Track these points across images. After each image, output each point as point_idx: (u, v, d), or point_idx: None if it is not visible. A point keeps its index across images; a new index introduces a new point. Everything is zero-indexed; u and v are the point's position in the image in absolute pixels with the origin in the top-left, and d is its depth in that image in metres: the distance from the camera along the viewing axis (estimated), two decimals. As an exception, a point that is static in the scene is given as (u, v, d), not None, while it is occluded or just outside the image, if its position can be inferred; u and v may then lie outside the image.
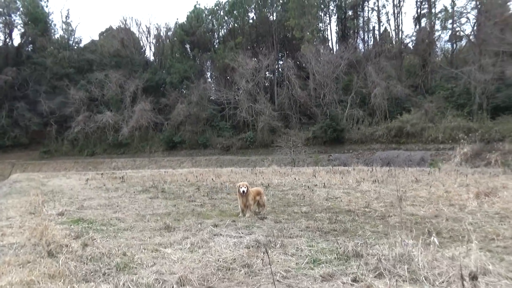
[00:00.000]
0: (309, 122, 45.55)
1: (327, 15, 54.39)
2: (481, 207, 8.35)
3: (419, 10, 48.75)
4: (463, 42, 45.61)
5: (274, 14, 53.41)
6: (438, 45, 48.24)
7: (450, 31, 48.49)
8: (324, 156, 39.06)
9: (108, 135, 49.12)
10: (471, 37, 42.41)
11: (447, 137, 35.74)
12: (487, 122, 35.22)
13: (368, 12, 52.83)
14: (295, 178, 17.57)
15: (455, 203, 8.93)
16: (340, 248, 4.75)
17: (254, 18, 55.09)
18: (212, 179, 17.73)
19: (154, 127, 49.54)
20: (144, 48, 60.36)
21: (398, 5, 48.74)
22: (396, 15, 49.41)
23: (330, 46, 53.68)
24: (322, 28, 53.86)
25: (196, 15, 54.32)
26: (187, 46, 54.60)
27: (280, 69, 51.10)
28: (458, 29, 46.50)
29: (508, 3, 40.82)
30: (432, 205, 8.74)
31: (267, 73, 49.42)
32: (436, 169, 27.49)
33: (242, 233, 5.95)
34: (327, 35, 54.37)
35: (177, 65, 50.66)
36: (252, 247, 5.00)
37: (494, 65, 38.07)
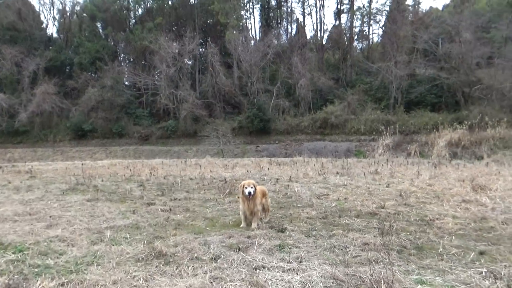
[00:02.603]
0: (233, 112, 44.01)
1: (251, 3, 53.11)
2: None
3: (339, 6, 49.98)
4: (380, 39, 47.91)
5: (196, -4, 50.38)
6: (357, 40, 50.11)
7: (368, 27, 50.92)
8: (252, 147, 37.88)
9: (1, 121, 41.56)
10: (387, 34, 44.51)
11: (368, 129, 37.12)
12: (404, 115, 37.26)
13: (291, 3, 52.80)
14: (247, 171, 15.80)
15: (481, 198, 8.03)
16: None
17: (175, -1, 51.37)
18: (151, 173, 15.06)
19: (60, 113, 43.26)
20: (46, 23, 52.62)
21: (321, -2, 49.36)
22: (318, 8, 50.12)
23: (254, 35, 52.59)
24: (246, 16, 52.45)
25: (110, -11, 48.67)
26: (99, 23, 48.73)
27: (202, 56, 48.39)
28: (375, 25, 48.93)
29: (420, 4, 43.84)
30: (446, 202, 7.71)
31: (187, 59, 46.33)
32: (367, 158, 28.26)
33: (291, 260, 4.04)
34: (251, 24, 53.17)
35: (87, 44, 44.75)
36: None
37: (409, 62, 40.58)
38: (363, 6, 51.20)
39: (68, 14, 50.47)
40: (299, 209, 7.37)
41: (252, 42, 49.82)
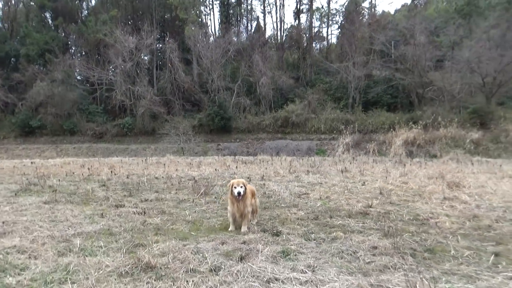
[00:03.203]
0: (193, 109, 42.99)
1: (211, -1, 52.18)
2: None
3: (299, 5, 50.33)
4: (338, 39, 48.75)
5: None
6: (316, 41, 50.70)
7: (326, 28, 51.72)
8: (213, 145, 37.14)
9: None
10: (345, 35, 45.36)
11: (328, 128, 37.66)
12: (362, 115, 38.10)
13: (251, 1, 52.50)
14: (215, 169, 15.18)
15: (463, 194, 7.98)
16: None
17: (130, -10, 49.19)
18: (112, 172, 14.03)
19: (4, 108, 40.00)
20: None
21: (281, -3, 49.45)
22: (278, 7, 50.24)
23: (214, 32, 51.78)
24: (205, 13, 51.47)
25: (59, -22, 45.64)
26: (48, 13, 45.62)
27: (161, 51, 46.81)
28: (333, 26, 49.79)
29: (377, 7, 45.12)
30: (427, 200, 7.60)
31: (145, 54, 44.59)
32: (328, 157, 28.54)
33: (304, 270, 3.57)
34: (211, 20, 52.26)
35: (34, 35, 41.62)
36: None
37: (366, 63, 41.62)
38: (322, 7, 52.02)
39: (13, 2, 46.81)
40: (285, 209, 6.95)
41: (212, 38, 49.03)
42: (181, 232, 5.28)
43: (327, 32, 51.97)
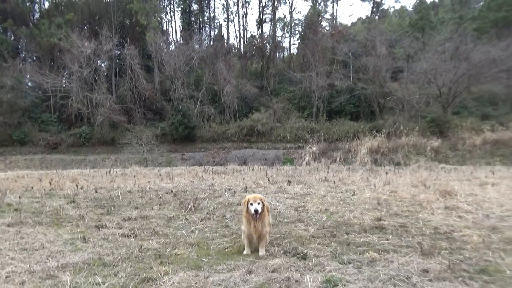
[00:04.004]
0: (155, 118, 41.52)
1: (172, 5, 51.15)
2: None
3: (261, 15, 50.46)
4: (300, 49, 49.19)
5: (112, -6, 46.80)
6: (279, 50, 50.96)
7: (289, 37, 52.21)
8: (177, 155, 35.90)
9: None
10: (308, 45, 45.92)
11: (294, 137, 37.63)
12: (327, 124, 38.46)
13: (214, 9, 51.98)
14: (191, 181, 14.29)
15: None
16: None
17: (87, -7, 47.01)
18: (77, 185, 12.76)
19: None
20: None
21: (244, 6, 49.39)
22: (241, 16, 50.13)
23: (175, 39, 50.67)
24: (167, 19, 50.32)
25: (8, -22, 42.70)
26: (-4, 15, 42.44)
27: (120, 57, 44.93)
28: (296, 36, 50.32)
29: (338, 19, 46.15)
30: (429, 210, 7.30)
31: (103, 60, 42.58)
32: (295, 165, 28.31)
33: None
34: (172, 27, 51.11)
35: (-20, 37, 38.60)
36: None
37: (329, 72, 42.25)
38: (284, 17, 52.52)
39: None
40: (291, 225, 6.35)
41: (172, 45, 47.94)
42: (189, 259, 4.53)
43: (290, 42, 52.50)
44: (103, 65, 44.05)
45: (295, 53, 52.84)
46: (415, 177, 15.46)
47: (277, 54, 49.73)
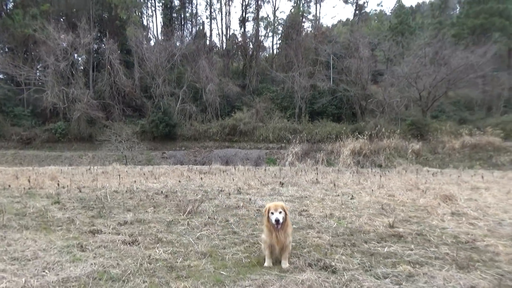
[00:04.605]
0: (134, 115, 40.43)
1: (153, 0, 50.01)
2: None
3: (244, 14, 50.06)
4: (283, 49, 49.05)
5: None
6: (262, 49, 50.66)
7: (272, 37, 51.97)
8: (157, 153, 35.01)
9: None
10: (291, 45, 45.84)
11: (276, 137, 37.38)
12: (309, 124, 38.42)
13: (196, 6, 51.14)
14: (179, 181, 13.74)
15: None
16: None
17: (64, -15, 45.23)
18: (58, 184, 12.00)
19: None
20: None
21: (227, 3, 48.81)
22: (224, 14, 49.52)
23: (156, 34, 49.57)
24: (148, 14, 49.15)
25: (-21, -36, 40.64)
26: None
27: (98, 52, 43.54)
28: (278, 36, 50.14)
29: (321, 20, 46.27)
30: (436, 216, 7.11)
31: (81, 53, 41.10)
32: (278, 166, 28.08)
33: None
34: (153, 22, 49.96)
35: None
36: None
37: (312, 73, 42.28)
38: (268, 16, 52.27)
39: None
40: (301, 231, 6.00)
41: (153, 41, 46.90)
42: (205, 272, 4.10)
43: (272, 41, 52.27)
44: (79, 59, 42.59)
45: (277, 53, 52.65)
46: (404, 180, 15.47)
47: (260, 53, 49.37)
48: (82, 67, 41.17)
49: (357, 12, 55.26)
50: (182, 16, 50.61)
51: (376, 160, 31.55)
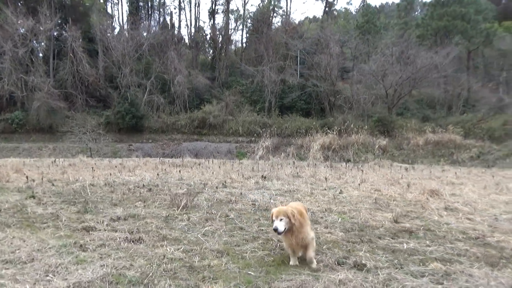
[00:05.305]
0: (98, 106, 38.72)
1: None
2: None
3: (214, 6, 49.20)
4: (253, 43, 48.71)
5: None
6: (231, 42, 50.11)
7: (242, 30, 51.47)
8: (123, 145, 33.74)
9: None
10: (262, 39, 45.62)
11: (246, 131, 37.12)
12: (279, 119, 38.48)
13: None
14: (158, 174, 13.18)
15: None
16: None
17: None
18: (28, 177, 11.13)
19: None
20: None
21: (196, -6, 47.74)
22: (194, 5, 48.44)
23: (122, 23, 47.69)
24: (112, 2, 47.15)
25: None
26: None
27: (60, 39, 41.21)
28: (248, 29, 49.74)
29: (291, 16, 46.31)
30: (431, 210, 7.19)
31: (41, 40, 38.73)
32: (243, 160, 27.89)
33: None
34: (118, 11, 48.06)
35: None
36: None
37: (282, 68, 42.33)
38: (237, 9, 51.69)
39: None
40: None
41: (117, 29, 45.14)
42: (229, 272, 3.81)
43: (242, 34, 51.78)
44: (39, 45, 40.14)
45: (246, 47, 52.22)
46: (381, 175, 15.75)
47: (230, 46, 48.78)
48: (42, 55, 38.82)
49: (326, 9, 55.85)
50: (150, 5, 48.98)
51: (345, 155, 32.06)
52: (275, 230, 3.98)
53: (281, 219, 4.03)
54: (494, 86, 42.96)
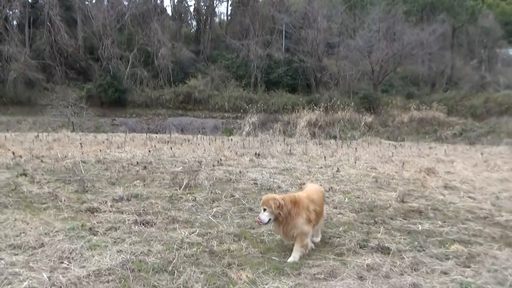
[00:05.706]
0: (79, 78, 37.38)
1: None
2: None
3: (197, -25, 47.36)
4: (238, 15, 47.52)
5: None
6: (216, 15, 48.80)
7: (226, 2, 50.07)
8: (106, 120, 32.91)
9: None
10: (247, 12, 44.46)
11: (232, 106, 36.67)
12: (265, 95, 38.09)
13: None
14: (149, 151, 12.88)
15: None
16: None
17: None
18: (14, 153, 10.67)
19: None
20: None
21: (180, -38, 45.80)
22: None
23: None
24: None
25: None
26: None
27: (35, 6, 39.17)
28: (235, 1, 48.37)
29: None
30: (432, 189, 7.25)
31: (16, 7, 36.72)
32: (231, 136, 27.68)
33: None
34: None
35: None
36: None
37: (269, 42, 41.60)
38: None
39: None
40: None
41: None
42: (252, 257, 3.71)
43: (227, 6, 50.39)
44: (12, 13, 38.05)
45: (231, 19, 50.89)
46: (372, 152, 15.87)
47: (214, 19, 47.47)
48: (17, 22, 36.93)
49: (313, -18, 54.56)
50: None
51: (331, 132, 32.13)
52: (259, 221, 3.81)
53: (264, 209, 3.81)
54: (476, 64, 43.52)
